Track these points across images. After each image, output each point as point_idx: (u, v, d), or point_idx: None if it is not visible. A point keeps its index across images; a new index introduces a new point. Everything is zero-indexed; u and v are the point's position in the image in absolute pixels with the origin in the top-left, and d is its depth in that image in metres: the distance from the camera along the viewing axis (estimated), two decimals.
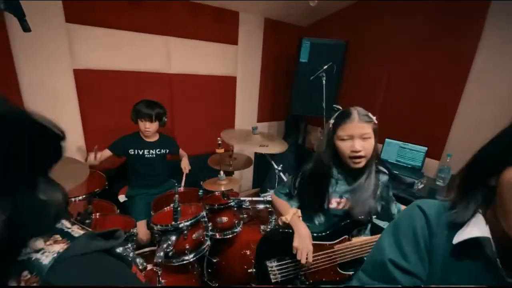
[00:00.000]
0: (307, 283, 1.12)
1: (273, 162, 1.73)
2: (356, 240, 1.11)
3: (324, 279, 1.12)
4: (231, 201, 1.64)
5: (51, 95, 1.92)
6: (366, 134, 0.99)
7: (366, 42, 2.67)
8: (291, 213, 1.12)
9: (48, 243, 0.40)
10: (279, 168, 1.73)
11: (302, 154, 3.20)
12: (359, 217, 1.08)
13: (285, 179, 1.77)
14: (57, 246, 0.40)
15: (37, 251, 0.39)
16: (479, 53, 1.94)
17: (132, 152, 1.97)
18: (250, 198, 1.68)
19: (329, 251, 1.10)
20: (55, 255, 0.39)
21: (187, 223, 1.38)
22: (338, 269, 1.11)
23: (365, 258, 1.17)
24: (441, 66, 2.16)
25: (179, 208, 1.35)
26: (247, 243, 1.85)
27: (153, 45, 2.29)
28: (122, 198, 2.06)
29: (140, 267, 1.21)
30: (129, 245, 1.28)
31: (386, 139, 2.46)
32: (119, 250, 1.26)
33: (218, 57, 2.69)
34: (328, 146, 1.08)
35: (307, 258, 1.03)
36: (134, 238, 1.36)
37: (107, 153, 1.92)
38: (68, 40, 1.91)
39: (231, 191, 1.71)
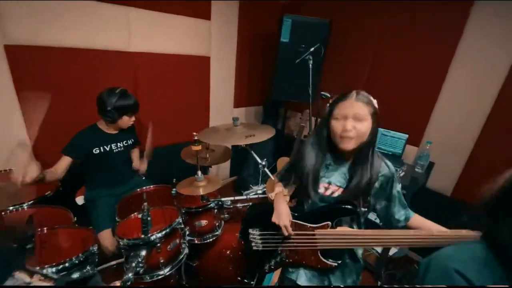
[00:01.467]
0: (287, 261, 1.16)
1: (257, 158, 1.56)
2: (341, 229, 1.06)
3: (304, 262, 1.13)
4: (211, 203, 1.46)
5: None
6: (361, 114, 0.96)
7: (350, 22, 2.51)
8: (276, 191, 1.18)
9: None
10: (263, 163, 1.57)
11: (281, 141, 3.06)
12: (344, 206, 1.05)
13: (269, 174, 1.62)
14: None
15: None
16: (461, 44, 1.91)
17: (98, 151, 1.64)
18: (232, 198, 1.51)
19: (309, 232, 1.09)
20: None
21: (160, 235, 1.18)
22: (320, 256, 1.09)
23: (359, 250, 1.17)
24: (424, 54, 2.11)
25: (149, 218, 1.14)
26: (229, 243, 1.72)
27: (109, 17, 1.91)
28: (81, 200, 1.77)
29: None
30: (88, 268, 1.06)
31: None
32: (77, 274, 1.04)
33: (188, 33, 2.36)
34: (324, 128, 1.05)
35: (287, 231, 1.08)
36: (96, 257, 1.13)
37: (66, 161, 1.53)
38: None
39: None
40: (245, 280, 1.69)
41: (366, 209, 1.07)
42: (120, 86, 1.63)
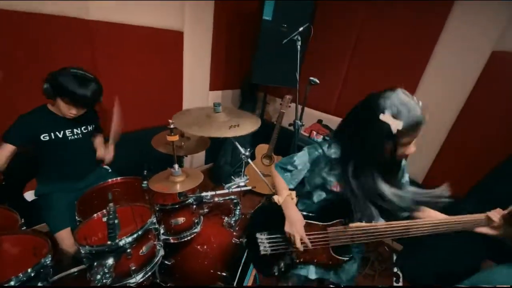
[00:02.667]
0: (297, 261, 1.13)
1: (241, 148, 1.43)
2: (353, 225, 1.03)
3: (315, 260, 1.11)
4: (190, 198, 1.31)
5: None
6: None
7: (333, 4, 2.39)
8: (284, 194, 1.09)
9: None
10: (247, 154, 1.45)
11: (259, 127, 2.93)
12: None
13: (253, 165, 1.51)
14: None
15: None
16: (442, 34, 1.90)
17: (47, 138, 1.37)
18: (213, 192, 1.37)
19: (321, 231, 1.06)
20: None
21: (131, 239, 1.02)
22: (332, 253, 1.08)
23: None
24: (406, 45, 2.09)
25: (116, 221, 0.97)
26: (207, 238, 1.60)
27: None
28: (30, 195, 1.50)
29: None
30: (40, 284, 0.87)
31: None
32: None
33: (158, 3, 2.06)
34: (376, 150, 0.89)
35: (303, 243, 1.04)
36: (50, 270, 0.94)
37: (7, 150, 1.26)
38: None
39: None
40: (223, 274, 1.62)
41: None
42: (88, 72, 1.34)
